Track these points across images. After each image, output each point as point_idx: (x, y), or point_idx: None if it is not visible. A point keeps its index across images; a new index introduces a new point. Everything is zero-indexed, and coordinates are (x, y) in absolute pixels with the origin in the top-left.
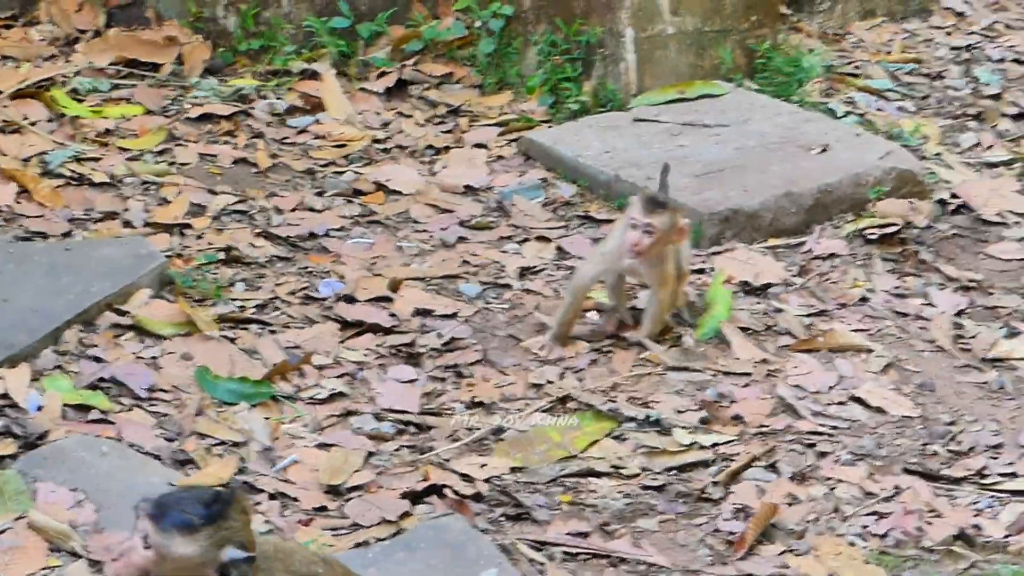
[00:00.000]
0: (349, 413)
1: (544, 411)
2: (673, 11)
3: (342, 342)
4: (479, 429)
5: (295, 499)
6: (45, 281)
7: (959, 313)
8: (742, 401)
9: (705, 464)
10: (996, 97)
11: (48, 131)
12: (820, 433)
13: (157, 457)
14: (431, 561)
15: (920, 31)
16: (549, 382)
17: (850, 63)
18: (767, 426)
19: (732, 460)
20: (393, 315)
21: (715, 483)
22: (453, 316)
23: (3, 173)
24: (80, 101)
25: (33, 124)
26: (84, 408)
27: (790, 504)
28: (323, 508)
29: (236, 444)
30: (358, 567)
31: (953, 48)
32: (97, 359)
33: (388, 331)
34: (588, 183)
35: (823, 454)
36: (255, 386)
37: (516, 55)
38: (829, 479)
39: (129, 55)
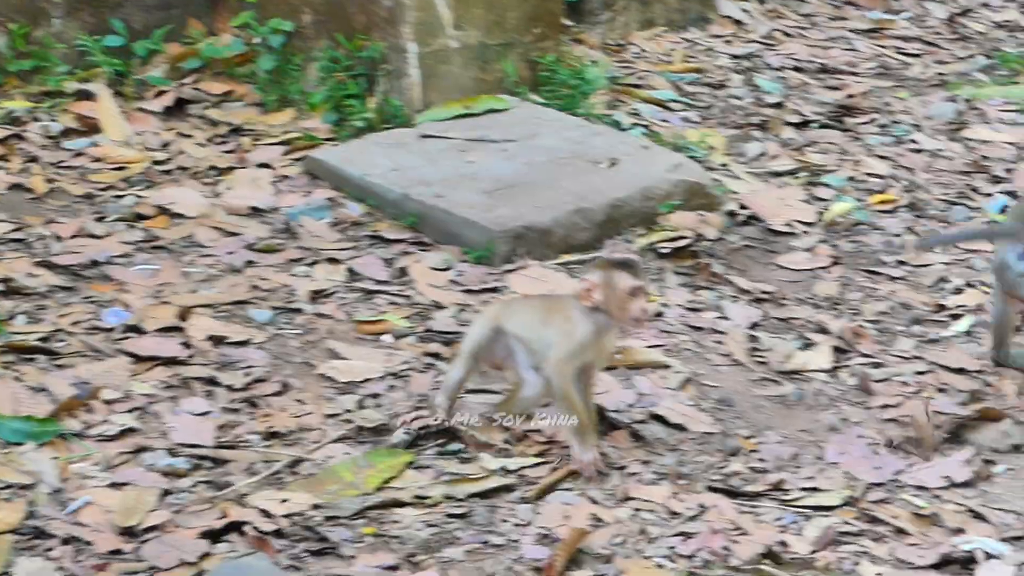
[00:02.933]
0: (141, 449)
1: (342, 441)
2: (456, 25)
3: (133, 376)
4: (278, 462)
5: (89, 543)
6: None
7: (753, 326)
8: (544, 422)
9: (509, 489)
10: (778, 106)
11: None
12: (622, 450)
13: None
14: None
15: (700, 40)
16: (347, 410)
17: (633, 74)
18: (570, 447)
19: (537, 483)
20: (184, 344)
21: (522, 505)
22: (246, 343)
23: None
24: None
25: None
26: None
27: (596, 527)
28: (118, 552)
29: (24, 487)
30: None
31: (734, 57)
32: None
33: (180, 362)
34: (377, 202)
35: (629, 474)
36: (41, 424)
37: (297, 72)
38: (634, 499)
39: None
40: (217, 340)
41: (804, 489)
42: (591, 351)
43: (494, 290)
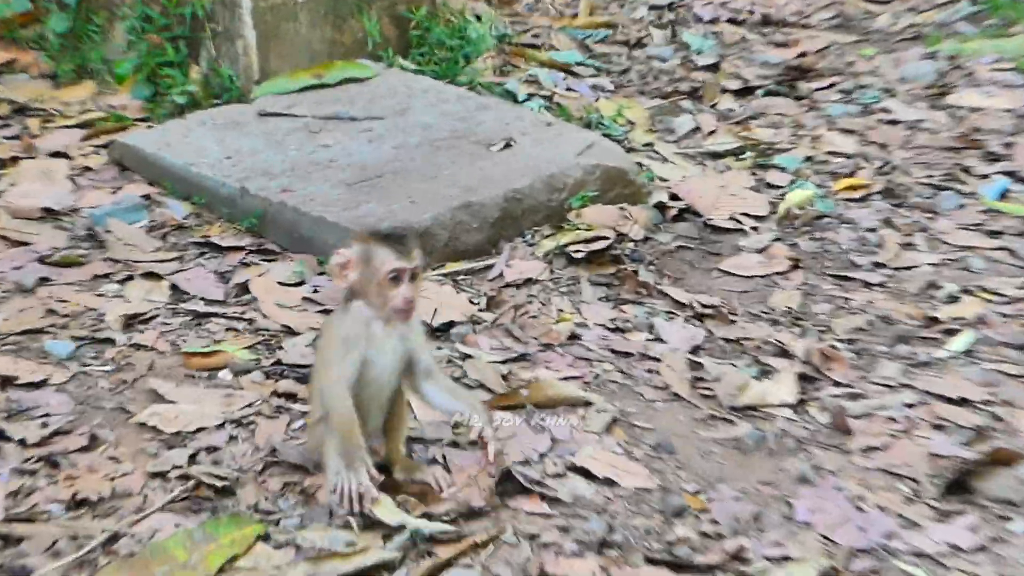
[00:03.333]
0: None
1: (171, 509)
2: None
3: None
4: (89, 539)
5: None
6: None
7: (695, 349)
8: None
9: (390, 568)
10: (713, 68)
11: None
12: (537, 515)
13: None
14: None
15: None
16: (176, 467)
17: (527, 30)
18: (471, 511)
19: (430, 556)
20: None
21: None
22: (41, 385)
23: None
24: None
25: None
26: None
27: None
28: None
29: None
30: None
31: (653, 7)
32: None
33: None
34: (206, 199)
35: (544, 544)
36: None
37: (99, 35)
38: None
39: None
40: (4, 381)
41: (770, 559)
42: (355, 348)
43: None
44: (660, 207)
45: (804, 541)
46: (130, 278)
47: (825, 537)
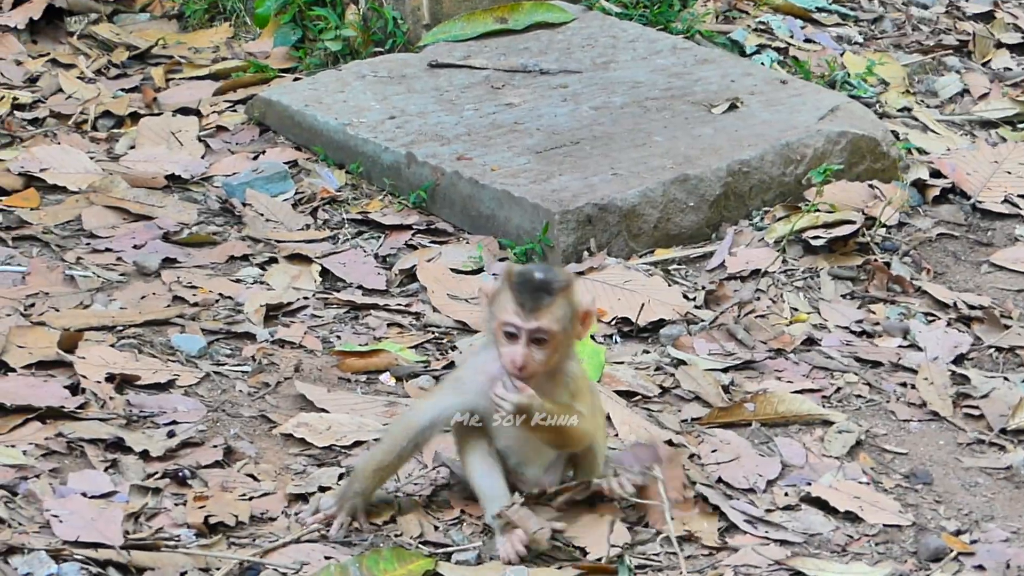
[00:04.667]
0: (10, 551)
1: (320, 540)
2: None
3: None
4: (218, 571)
5: None
6: None
7: (959, 359)
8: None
9: None
10: (986, 17)
11: None
12: (759, 560)
13: None
14: None
15: None
16: (325, 488)
17: None
18: (688, 543)
19: None
20: (71, 388)
21: None
22: (167, 387)
23: None
24: None
25: None
26: None
27: None
28: None
29: None
30: None
31: None
32: None
33: (66, 415)
34: (364, 167)
35: None
36: None
37: None
38: None
39: None
40: (123, 382)
41: None
42: (462, 394)
43: None
44: (918, 186)
45: None
46: (273, 261)
47: None
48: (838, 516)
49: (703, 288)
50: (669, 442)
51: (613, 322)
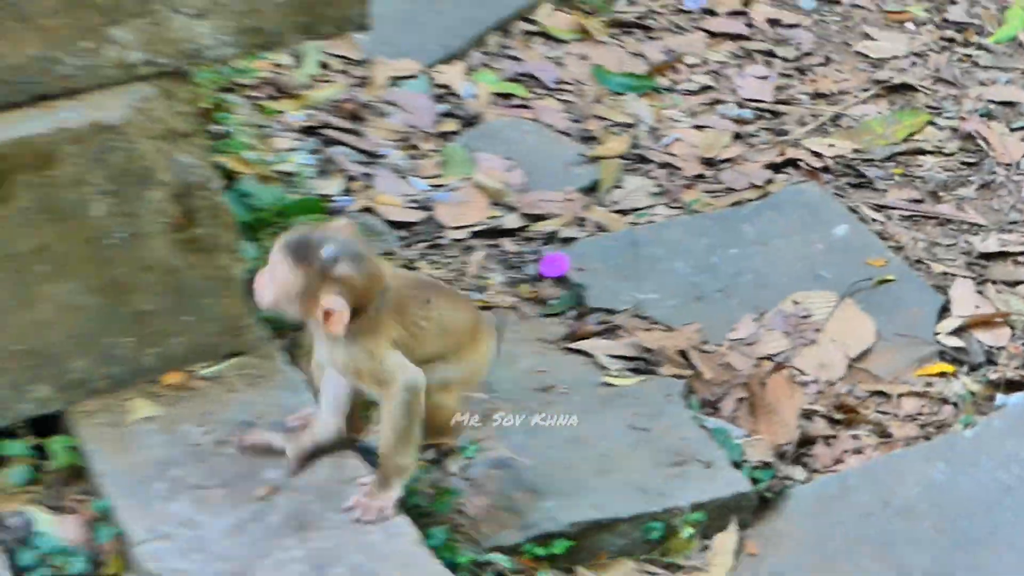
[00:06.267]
0: (716, 102)
1: (874, 102)
2: None
3: (708, 47)
4: (822, 116)
5: (679, 168)
6: None
7: None
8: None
9: None
10: None
11: None
12: None
13: (567, 134)
14: (793, 218)
15: None
16: (877, 81)
17: None
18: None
19: None
20: (748, 24)
21: None
22: (796, 26)
23: None
24: None
25: None
26: (507, 96)
27: None
28: (701, 176)
29: (627, 125)
30: (735, 222)
31: None
32: (514, 58)
33: (744, 37)
34: None
35: None
36: (640, 80)
37: None
38: None
39: None
40: (774, 22)
41: None
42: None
43: None
44: None
45: None
46: None
47: None
48: None
49: None
50: None
51: None
